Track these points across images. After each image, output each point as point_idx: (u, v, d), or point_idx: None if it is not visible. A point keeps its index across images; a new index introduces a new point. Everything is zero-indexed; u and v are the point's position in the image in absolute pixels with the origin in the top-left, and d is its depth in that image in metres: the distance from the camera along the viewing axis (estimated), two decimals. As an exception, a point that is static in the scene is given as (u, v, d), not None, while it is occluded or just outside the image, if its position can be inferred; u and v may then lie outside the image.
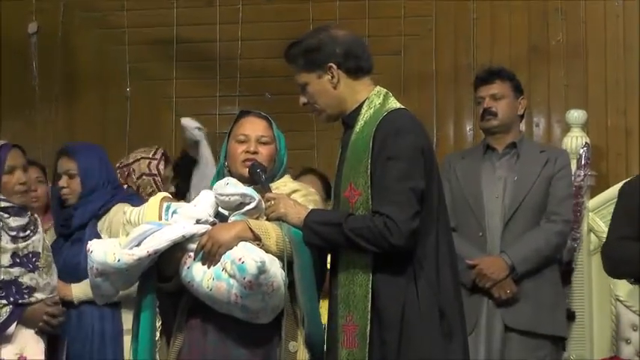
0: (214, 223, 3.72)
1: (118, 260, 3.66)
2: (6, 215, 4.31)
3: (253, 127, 3.93)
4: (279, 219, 3.67)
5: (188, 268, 3.66)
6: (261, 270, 3.52)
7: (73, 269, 4.57)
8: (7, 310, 4.26)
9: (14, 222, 4.32)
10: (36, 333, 4.33)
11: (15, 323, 4.26)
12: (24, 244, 4.32)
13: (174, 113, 6.69)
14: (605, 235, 5.49)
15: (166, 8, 6.72)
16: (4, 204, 4.32)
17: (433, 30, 6.48)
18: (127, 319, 4.42)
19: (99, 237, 4.41)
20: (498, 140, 5.06)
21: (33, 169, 5.07)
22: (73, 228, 4.70)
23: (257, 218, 3.73)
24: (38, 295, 4.33)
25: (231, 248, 3.59)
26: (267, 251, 3.59)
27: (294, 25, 6.45)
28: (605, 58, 6.29)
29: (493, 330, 4.85)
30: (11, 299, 4.27)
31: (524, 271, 4.86)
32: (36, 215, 4.49)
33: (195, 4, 6.73)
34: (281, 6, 6.64)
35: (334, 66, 3.67)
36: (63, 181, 4.73)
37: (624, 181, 4.91)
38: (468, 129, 6.41)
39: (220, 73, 6.64)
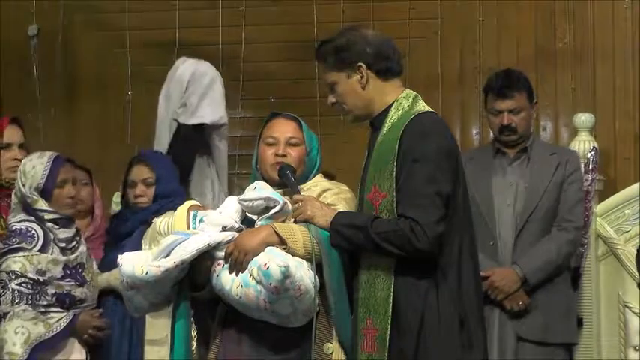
0: (240, 230, 3.72)
1: (146, 273, 3.67)
2: (56, 227, 4.49)
3: (282, 129, 3.92)
4: (306, 221, 3.66)
5: (217, 276, 3.66)
6: (286, 274, 3.50)
7: None
8: (65, 319, 4.42)
9: (63, 234, 4.51)
10: (79, 342, 4.48)
11: (66, 335, 4.43)
12: (73, 255, 4.51)
13: (177, 117, 6.65)
14: (612, 241, 5.48)
15: (168, 10, 6.69)
16: (53, 216, 4.47)
17: (439, 32, 6.43)
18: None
19: (139, 247, 4.48)
20: (512, 148, 5.00)
21: (78, 172, 5.10)
22: (122, 234, 4.78)
23: (284, 221, 3.71)
24: (85, 306, 4.51)
25: (257, 254, 3.58)
26: (294, 254, 3.58)
27: (297, 28, 6.44)
28: (614, 60, 6.24)
29: (506, 340, 4.81)
30: (68, 309, 4.44)
31: (536, 282, 4.81)
32: (78, 227, 4.65)
33: (197, 7, 6.68)
34: (285, 8, 6.60)
35: (364, 66, 3.66)
36: (140, 190, 4.80)
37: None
38: (474, 132, 6.37)
39: (223, 76, 6.58)
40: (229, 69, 6.58)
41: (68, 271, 4.43)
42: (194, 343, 3.93)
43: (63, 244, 4.47)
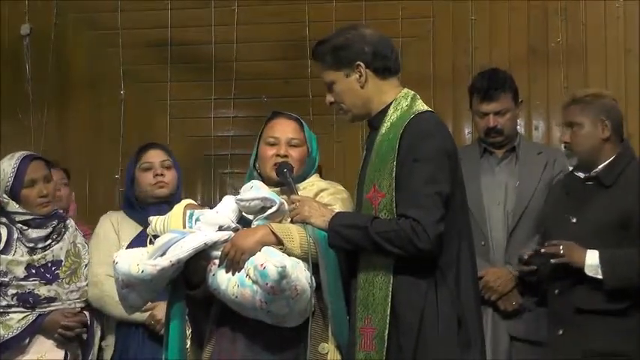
0: (237, 229, 3.72)
1: (142, 271, 3.67)
2: (25, 227, 4.41)
3: (283, 130, 3.91)
4: (304, 222, 3.65)
5: (213, 275, 3.66)
6: (283, 275, 3.50)
7: None
8: (25, 321, 4.36)
9: (34, 234, 4.42)
10: (56, 342, 4.43)
11: (29, 335, 4.36)
12: (41, 254, 4.42)
13: (169, 116, 6.65)
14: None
15: (161, 10, 6.68)
16: (24, 217, 4.39)
17: (431, 31, 6.42)
18: None
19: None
20: (499, 148, 5.00)
21: (56, 172, 5.07)
22: None
23: (281, 221, 3.71)
24: (59, 305, 4.38)
25: (254, 254, 3.57)
26: (290, 254, 3.58)
27: (290, 27, 6.44)
28: (606, 60, 6.23)
29: (499, 340, 4.80)
30: (32, 309, 4.37)
31: (529, 281, 4.80)
32: (66, 223, 4.56)
33: (190, 6, 6.67)
34: (277, 7, 6.59)
35: (362, 65, 3.66)
36: (160, 170, 4.63)
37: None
38: (466, 132, 6.37)
39: (215, 75, 6.60)
40: (221, 68, 6.58)
41: (33, 271, 4.35)
42: (188, 342, 3.92)
43: (32, 245, 4.38)
